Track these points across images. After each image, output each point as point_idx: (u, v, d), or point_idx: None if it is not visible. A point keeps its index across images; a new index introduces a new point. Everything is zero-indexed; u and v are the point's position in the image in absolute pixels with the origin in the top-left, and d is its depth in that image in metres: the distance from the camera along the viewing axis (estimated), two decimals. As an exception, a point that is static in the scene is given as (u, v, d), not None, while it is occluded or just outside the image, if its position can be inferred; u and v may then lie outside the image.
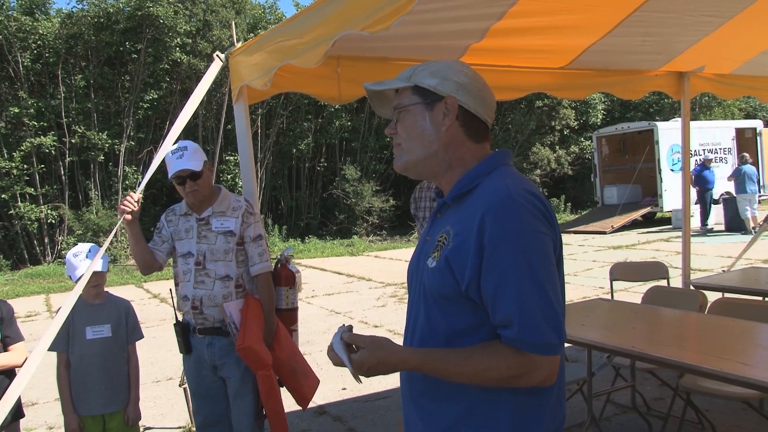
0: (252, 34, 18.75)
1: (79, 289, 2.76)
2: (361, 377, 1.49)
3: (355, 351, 1.49)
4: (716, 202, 16.15)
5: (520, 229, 1.40)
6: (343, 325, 1.55)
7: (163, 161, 3.27)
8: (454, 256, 1.46)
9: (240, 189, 4.60)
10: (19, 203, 16.57)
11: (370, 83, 1.66)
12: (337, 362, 1.49)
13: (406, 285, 1.73)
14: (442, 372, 1.47)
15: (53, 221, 17.22)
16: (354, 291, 10.81)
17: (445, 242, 1.50)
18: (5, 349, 3.10)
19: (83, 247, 3.26)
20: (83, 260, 3.18)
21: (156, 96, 18.63)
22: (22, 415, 3.18)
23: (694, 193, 16.03)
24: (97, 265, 3.01)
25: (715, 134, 18.96)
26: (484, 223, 1.41)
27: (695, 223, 16.44)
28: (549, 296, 1.40)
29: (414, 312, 1.62)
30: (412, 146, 1.59)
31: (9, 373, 3.07)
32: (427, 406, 1.56)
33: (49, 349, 3.07)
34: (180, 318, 3.38)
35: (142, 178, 3.36)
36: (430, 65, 1.61)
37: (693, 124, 15.43)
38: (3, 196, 16.37)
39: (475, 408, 1.49)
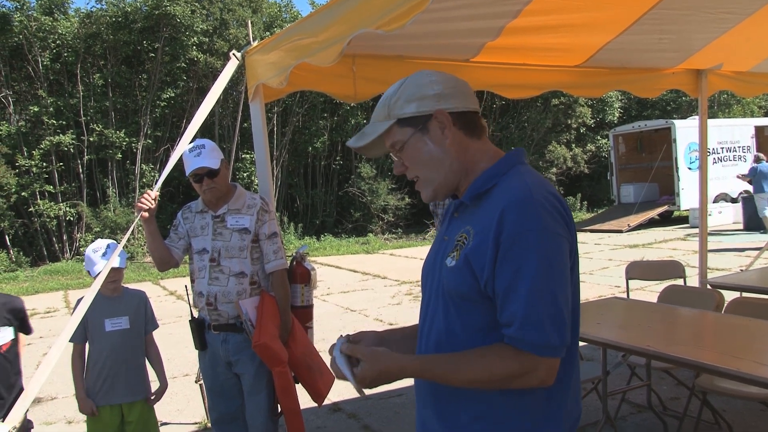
0: (268, 33, 18.83)
1: (97, 285, 2.80)
2: (364, 390, 1.49)
3: (356, 363, 1.47)
4: (734, 200, 15.77)
5: (538, 228, 1.39)
6: (341, 336, 1.52)
7: (181, 159, 3.30)
8: (474, 254, 1.45)
9: (256, 187, 4.65)
10: (39, 201, 16.82)
11: (353, 140, 1.64)
12: (340, 376, 1.48)
13: (421, 283, 1.72)
14: (442, 377, 1.46)
15: (71, 219, 17.44)
16: (369, 289, 10.82)
17: (465, 241, 1.49)
18: None
19: (102, 243, 3.34)
20: (102, 256, 3.24)
21: (173, 94, 18.79)
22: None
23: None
24: (115, 261, 3.06)
25: (733, 132, 18.72)
26: (503, 220, 1.40)
27: (717, 221, 16.12)
28: (557, 298, 1.39)
29: (431, 312, 1.60)
30: (430, 174, 1.57)
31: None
32: (446, 405, 1.54)
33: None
34: (195, 314, 3.42)
35: (159, 176, 3.40)
36: (400, 93, 1.57)
37: (711, 122, 15.12)
38: (23, 193, 16.62)
39: (494, 406, 1.48)
